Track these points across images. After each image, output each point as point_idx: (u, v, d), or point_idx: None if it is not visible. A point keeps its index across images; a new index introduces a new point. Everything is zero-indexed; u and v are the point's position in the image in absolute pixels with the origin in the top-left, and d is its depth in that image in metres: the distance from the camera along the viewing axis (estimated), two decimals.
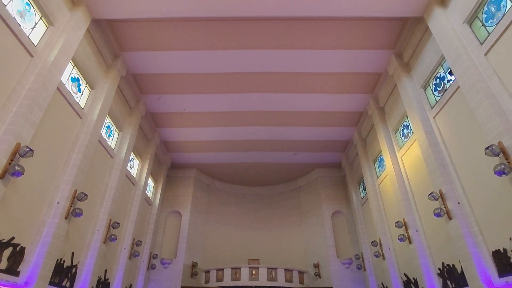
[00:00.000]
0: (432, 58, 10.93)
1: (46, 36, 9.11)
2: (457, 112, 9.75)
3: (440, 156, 10.35)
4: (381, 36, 12.19)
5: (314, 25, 11.82)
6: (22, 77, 8.12)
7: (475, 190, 8.95)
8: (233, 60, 13.25)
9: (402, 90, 12.32)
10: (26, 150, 7.45)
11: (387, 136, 14.20)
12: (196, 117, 16.79)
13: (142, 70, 13.79)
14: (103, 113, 11.85)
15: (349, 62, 13.25)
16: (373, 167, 16.49)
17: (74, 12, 10.15)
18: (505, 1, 7.92)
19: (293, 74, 13.97)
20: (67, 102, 10.07)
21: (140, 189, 16.03)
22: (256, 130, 17.84)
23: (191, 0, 10.51)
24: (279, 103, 15.69)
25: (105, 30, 11.87)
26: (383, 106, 14.82)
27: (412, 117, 11.71)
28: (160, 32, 12.11)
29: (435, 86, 11.06)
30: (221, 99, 15.46)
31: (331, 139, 18.80)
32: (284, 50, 12.75)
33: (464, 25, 9.18)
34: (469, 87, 8.61)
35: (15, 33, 7.88)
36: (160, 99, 15.45)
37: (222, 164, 21.37)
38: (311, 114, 16.51)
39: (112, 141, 13.81)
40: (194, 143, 19.18)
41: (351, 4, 10.60)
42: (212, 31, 12.06)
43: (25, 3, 8.50)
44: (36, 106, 8.16)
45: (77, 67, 10.92)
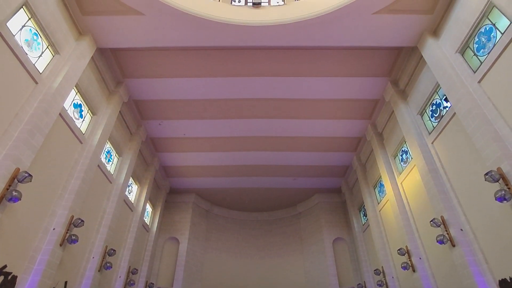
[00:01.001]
0: (427, 85, 11.20)
1: (51, 64, 9.38)
2: (454, 137, 9.85)
3: (440, 182, 10.32)
4: (377, 64, 12.56)
5: (312, 53, 12.21)
6: (26, 103, 8.26)
7: (478, 217, 8.84)
8: (233, 87, 13.55)
9: (399, 116, 12.50)
10: (24, 176, 7.43)
11: (386, 161, 14.22)
12: (195, 142, 16.89)
13: (144, 96, 14.05)
14: (104, 138, 11.94)
15: (347, 89, 13.54)
16: (373, 193, 16.36)
17: (80, 41, 10.52)
18: (495, 32, 8.25)
19: (291, 100, 14.23)
20: (68, 127, 10.18)
21: (138, 215, 15.79)
22: (256, 155, 17.87)
23: (192, 31, 10.91)
24: (278, 128, 15.85)
25: (108, 58, 12.23)
26: (381, 132, 14.97)
27: (411, 142, 11.80)
28: (162, 60, 12.47)
29: (431, 113, 11.24)
30: (221, 124, 15.63)
31: (330, 164, 18.79)
32: (283, 77, 13.08)
33: (457, 55, 9.49)
34: (465, 113, 8.75)
35: (22, 61, 8.12)
36: (161, 124, 15.62)
37: (221, 189, 21.20)
38: (310, 140, 16.62)
39: (112, 166, 13.79)
40: (193, 168, 19.14)
41: (347, 35, 11.01)
42: (212, 59, 12.43)
43: (33, 33, 8.83)
44: (37, 132, 8.24)
45: (80, 93, 11.15)
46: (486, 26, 8.54)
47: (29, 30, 8.68)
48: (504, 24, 7.90)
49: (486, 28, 8.53)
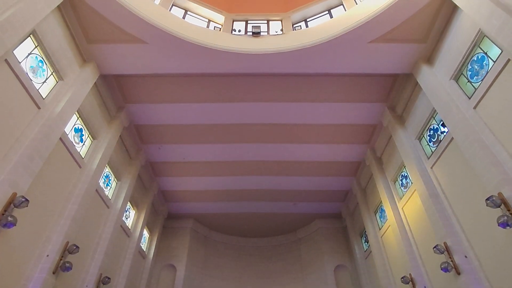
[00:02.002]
0: (424, 110, 11.37)
1: (55, 89, 9.56)
2: (453, 162, 9.86)
3: (441, 207, 10.20)
4: (374, 91, 12.82)
5: (310, 80, 12.49)
6: (27, 128, 8.33)
7: (481, 243, 8.66)
8: (233, 112, 13.74)
9: (397, 141, 12.59)
10: (21, 200, 7.34)
11: (386, 186, 14.13)
12: (195, 166, 16.86)
13: (145, 121, 14.20)
14: (103, 162, 11.92)
15: (345, 114, 13.74)
16: (374, 218, 16.12)
17: (83, 68, 10.79)
18: (487, 60, 8.51)
19: (290, 125, 14.37)
20: (68, 151, 10.20)
21: (135, 241, 15.43)
22: (255, 180, 17.78)
23: (193, 59, 11.24)
24: (277, 153, 15.89)
25: (111, 83, 12.49)
26: (380, 156, 15.00)
27: (410, 167, 11.79)
28: (164, 86, 12.73)
29: (429, 137, 11.33)
30: (220, 149, 15.69)
31: (330, 189, 18.65)
32: (281, 103, 13.30)
33: (451, 81, 9.73)
34: (463, 139, 8.83)
35: (26, 87, 8.29)
36: (161, 148, 15.67)
37: (220, 215, 20.88)
38: (310, 164, 16.61)
39: (110, 191, 13.67)
40: (192, 192, 18.96)
41: (344, 63, 11.34)
42: (212, 85, 12.69)
43: (39, 60, 9.08)
44: (37, 156, 8.25)
45: (81, 118, 11.27)
46: (478, 55, 8.82)
47: (35, 58, 8.93)
48: (496, 52, 8.17)
49: (478, 56, 8.81)
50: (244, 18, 13.52)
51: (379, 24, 10.19)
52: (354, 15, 10.59)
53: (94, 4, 9.71)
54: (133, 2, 10.08)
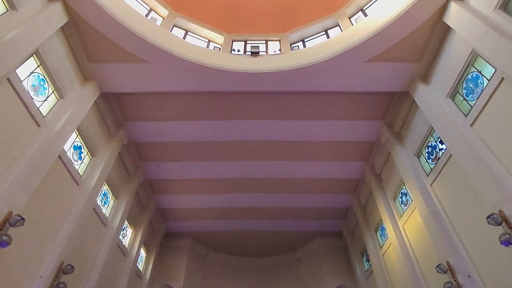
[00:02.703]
0: (421, 128, 11.45)
1: (55, 108, 9.64)
2: (453, 179, 9.83)
3: (442, 225, 10.08)
4: (372, 108, 12.95)
5: (308, 98, 12.64)
6: (26, 146, 8.33)
7: (485, 262, 8.50)
8: (232, 130, 13.80)
9: (396, 158, 12.61)
10: (17, 219, 7.23)
11: (386, 204, 14.02)
12: (193, 184, 16.76)
13: (144, 138, 14.23)
14: (101, 180, 11.85)
15: (343, 131, 13.81)
16: (375, 236, 15.88)
17: (84, 86, 10.93)
18: (482, 78, 8.66)
19: (289, 142, 14.41)
20: (66, 169, 10.15)
21: (131, 261, 15.09)
22: (254, 197, 17.64)
23: (193, 77, 11.41)
24: (276, 170, 15.85)
25: (111, 101, 12.61)
26: (380, 173, 14.97)
27: (409, 185, 11.74)
28: (163, 104, 12.85)
29: (428, 155, 11.35)
30: (219, 166, 15.65)
31: (330, 206, 18.47)
32: (280, 120, 13.40)
33: (447, 99, 9.86)
34: (461, 156, 8.86)
35: (27, 106, 8.36)
36: (160, 166, 15.63)
37: (218, 233, 20.55)
38: (309, 181, 16.54)
39: (107, 209, 13.51)
40: (190, 210, 18.75)
41: (341, 81, 11.53)
42: (212, 103, 12.81)
43: (41, 79, 9.21)
44: (34, 174, 8.21)
45: (81, 136, 11.30)
46: (473, 73, 8.99)
47: (37, 76, 9.06)
48: (490, 71, 8.33)
49: (473, 75, 8.98)
50: (243, 39, 13.85)
51: (375, 44, 10.44)
52: (350, 35, 10.87)
53: (96, 25, 9.95)
54: (135, 23, 10.34)
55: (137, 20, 10.53)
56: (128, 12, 10.45)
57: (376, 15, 10.61)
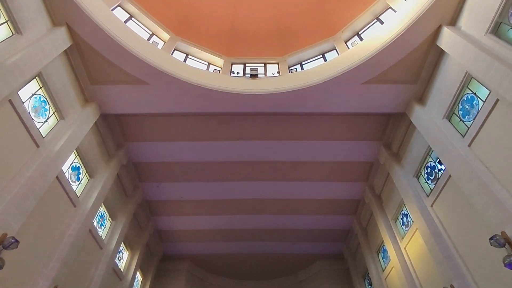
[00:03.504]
0: (419, 148, 11.49)
1: (55, 129, 9.69)
2: (453, 200, 9.75)
3: (445, 247, 9.89)
4: (369, 129, 13.07)
5: (307, 118, 12.77)
6: (24, 166, 8.30)
7: (489, 285, 8.27)
8: (231, 150, 13.84)
9: (395, 179, 12.56)
10: (11, 241, 7.07)
11: (388, 225, 13.82)
12: (192, 205, 16.59)
13: (143, 159, 14.23)
14: (98, 201, 11.72)
15: (342, 152, 13.86)
16: (377, 259, 15.53)
17: (85, 107, 11.05)
18: (477, 100, 8.79)
19: (288, 163, 14.42)
20: (63, 190, 10.06)
21: (127, 285, 14.66)
22: (253, 219, 17.41)
23: (193, 99, 11.57)
24: (275, 191, 15.75)
25: (111, 122, 12.70)
26: (380, 194, 14.86)
27: (410, 205, 11.64)
28: (163, 125, 12.94)
29: (427, 175, 11.32)
30: (218, 187, 15.56)
31: (330, 228, 18.20)
32: (279, 141, 13.47)
33: (444, 120, 9.96)
34: (460, 176, 8.84)
35: (27, 127, 8.41)
36: (159, 187, 15.53)
37: (217, 255, 20.10)
38: (308, 202, 16.40)
39: (103, 231, 13.27)
40: (188, 232, 18.44)
41: (339, 103, 11.71)
42: (211, 124, 12.92)
43: (42, 100, 9.32)
44: (31, 195, 8.13)
45: (80, 156, 11.28)
46: (468, 95, 9.14)
47: (39, 98, 9.18)
48: (484, 92, 8.48)
49: (468, 96, 9.13)
50: (243, 61, 14.17)
51: (371, 66, 10.68)
52: (347, 58, 11.14)
53: (99, 48, 10.20)
54: (137, 46, 10.60)
55: (139, 43, 10.81)
56: (130, 36, 10.74)
57: (372, 39, 10.93)
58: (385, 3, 12.25)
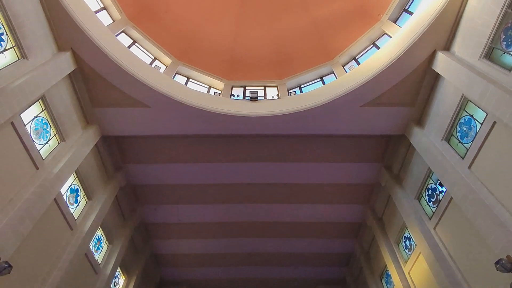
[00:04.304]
0: (420, 170, 11.46)
1: (55, 150, 9.73)
2: (456, 222, 9.60)
3: (450, 272, 9.61)
4: (369, 151, 13.11)
5: (307, 140, 12.85)
6: (22, 189, 8.25)
7: None
8: (230, 172, 13.81)
9: (397, 201, 12.45)
10: (4, 266, 6.91)
11: (390, 249, 13.51)
12: (190, 228, 16.33)
13: (142, 181, 14.17)
14: (96, 224, 11.55)
15: (342, 174, 13.83)
16: (380, 285, 15.05)
17: (86, 130, 11.14)
18: (474, 122, 8.89)
19: (288, 185, 14.36)
20: (61, 212, 9.94)
21: None
22: (253, 242, 17.07)
23: (194, 121, 11.68)
24: (275, 213, 15.56)
25: (111, 144, 12.75)
26: (381, 217, 14.65)
27: (412, 228, 11.45)
28: (163, 146, 13.00)
29: (428, 197, 11.22)
30: (217, 209, 15.39)
31: (332, 252, 17.82)
32: (279, 163, 13.49)
33: (443, 142, 10.01)
34: (462, 199, 8.76)
35: (27, 148, 8.44)
36: (156, 209, 15.34)
37: (216, 280, 19.52)
38: (310, 225, 16.15)
39: (100, 254, 12.95)
40: (186, 256, 18.01)
41: (338, 125, 11.83)
42: (211, 146, 12.97)
43: (44, 122, 9.41)
44: (28, 218, 8.02)
45: (79, 178, 11.23)
46: (465, 117, 9.24)
47: (41, 120, 9.27)
48: (481, 115, 8.58)
49: (465, 118, 9.23)
50: (243, 84, 14.44)
51: (369, 90, 10.87)
52: (345, 82, 11.36)
53: (103, 72, 10.43)
54: (139, 70, 10.83)
55: (141, 68, 11.06)
56: (133, 60, 11.01)
57: (368, 64, 11.20)
58: (381, 30, 12.66)
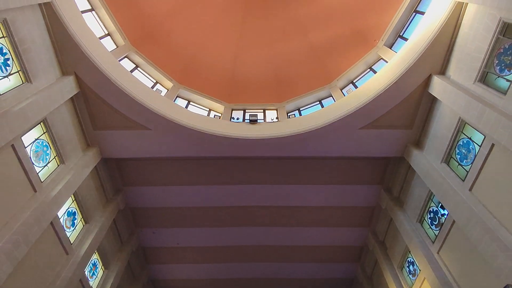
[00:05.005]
0: (420, 192, 11.38)
1: (55, 173, 9.70)
2: (460, 246, 9.40)
3: None
4: (369, 173, 13.08)
5: (306, 163, 12.85)
6: (19, 211, 8.16)
7: None
8: (230, 195, 13.71)
9: (398, 224, 12.26)
10: None
11: (394, 274, 13.13)
12: (189, 252, 15.98)
13: (141, 203, 14.02)
14: (92, 249, 11.29)
15: (342, 196, 13.72)
16: None
17: (86, 152, 11.16)
18: (473, 144, 8.93)
19: (288, 208, 14.20)
20: (57, 236, 9.75)
21: None
22: (253, 267, 16.64)
23: (194, 144, 11.76)
24: (275, 237, 15.28)
25: (111, 166, 12.73)
26: (383, 240, 14.36)
27: (415, 253, 11.20)
28: (163, 169, 12.97)
29: (430, 220, 11.06)
30: (217, 233, 15.13)
31: (334, 277, 17.31)
32: (279, 185, 13.41)
33: (443, 164, 10.01)
34: (464, 222, 8.64)
35: (26, 171, 8.42)
36: (155, 233, 15.08)
37: None
38: (310, 249, 15.81)
39: (95, 281, 12.56)
40: (185, 281, 17.49)
41: (337, 147, 11.91)
42: (211, 168, 12.95)
43: (44, 145, 9.44)
44: (23, 242, 7.87)
45: (77, 201, 11.12)
46: (463, 139, 9.30)
47: (41, 143, 9.31)
48: (479, 137, 8.64)
49: (464, 141, 9.28)
50: (242, 107, 14.65)
51: (367, 112, 11.02)
52: (343, 105, 11.53)
53: (105, 96, 10.61)
54: (141, 94, 11.02)
55: (143, 91, 11.25)
56: (135, 84, 11.22)
57: (366, 87, 11.42)
58: (377, 55, 13.02)
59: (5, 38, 7.85)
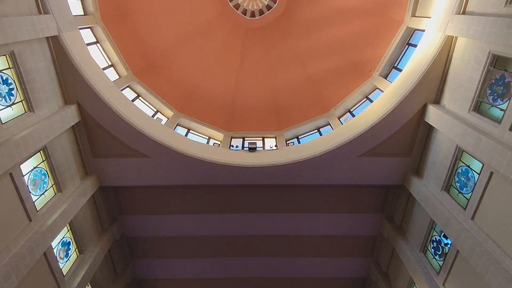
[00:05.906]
0: (422, 221, 11.20)
1: (51, 201, 9.57)
2: (467, 277, 9.08)
3: None
4: (370, 201, 12.96)
5: (306, 191, 12.77)
6: (12, 241, 7.94)
7: None
8: (229, 223, 13.46)
9: (401, 254, 11.94)
10: None
11: None
12: (185, 285, 15.34)
13: (137, 233, 13.71)
14: (85, 282, 10.86)
15: (343, 225, 13.48)
16: None
17: (84, 180, 11.08)
18: (472, 172, 8.93)
19: (288, 236, 13.90)
20: (49, 268, 9.41)
21: None
22: None
23: (193, 172, 11.72)
24: (275, 268, 14.79)
25: (108, 195, 12.59)
26: (386, 271, 13.90)
27: (420, 284, 10.80)
28: (161, 197, 12.85)
29: (434, 250, 10.80)
30: (214, 263, 14.66)
31: None
32: (279, 213, 13.21)
33: (443, 192, 9.95)
34: (468, 252, 8.44)
35: (22, 200, 8.31)
36: (151, 264, 14.60)
37: None
38: (311, 280, 15.26)
39: None
40: None
41: (336, 175, 11.91)
42: (209, 196, 12.83)
43: (43, 173, 9.39)
44: (14, 274, 7.60)
45: (72, 231, 10.85)
46: (462, 167, 9.32)
47: (39, 171, 9.27)
48: (478, 165, 8.66)
49: (462, 169, 9.30)
50: (241, 136, 14.79)
51: (365, 140, 11.12)
52: (341, 133, 11.67)
53: (106, 124, 10.73)
54: (142, 123, 11.16)
55: (144, 120, 11.40)
56: (136, 113, 11.39)
57: (363, 116, 11.61)
58: (373, 85, 13.39)
59: (11, 69, 8.08)
